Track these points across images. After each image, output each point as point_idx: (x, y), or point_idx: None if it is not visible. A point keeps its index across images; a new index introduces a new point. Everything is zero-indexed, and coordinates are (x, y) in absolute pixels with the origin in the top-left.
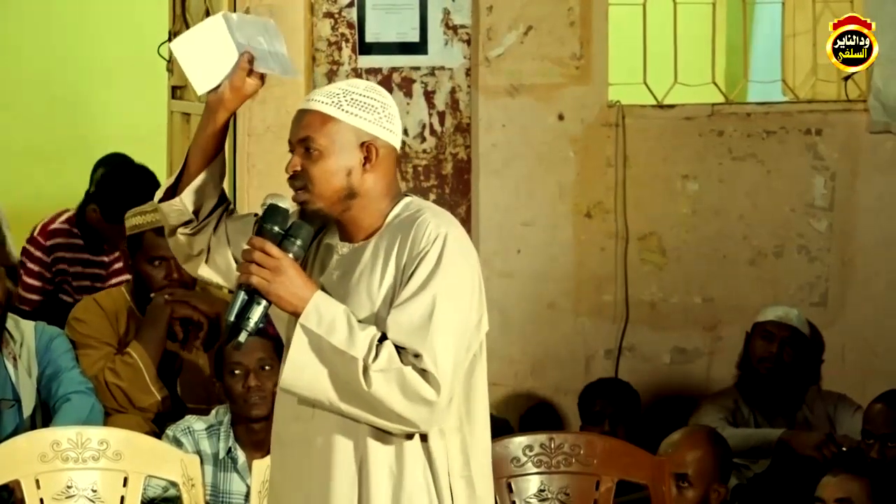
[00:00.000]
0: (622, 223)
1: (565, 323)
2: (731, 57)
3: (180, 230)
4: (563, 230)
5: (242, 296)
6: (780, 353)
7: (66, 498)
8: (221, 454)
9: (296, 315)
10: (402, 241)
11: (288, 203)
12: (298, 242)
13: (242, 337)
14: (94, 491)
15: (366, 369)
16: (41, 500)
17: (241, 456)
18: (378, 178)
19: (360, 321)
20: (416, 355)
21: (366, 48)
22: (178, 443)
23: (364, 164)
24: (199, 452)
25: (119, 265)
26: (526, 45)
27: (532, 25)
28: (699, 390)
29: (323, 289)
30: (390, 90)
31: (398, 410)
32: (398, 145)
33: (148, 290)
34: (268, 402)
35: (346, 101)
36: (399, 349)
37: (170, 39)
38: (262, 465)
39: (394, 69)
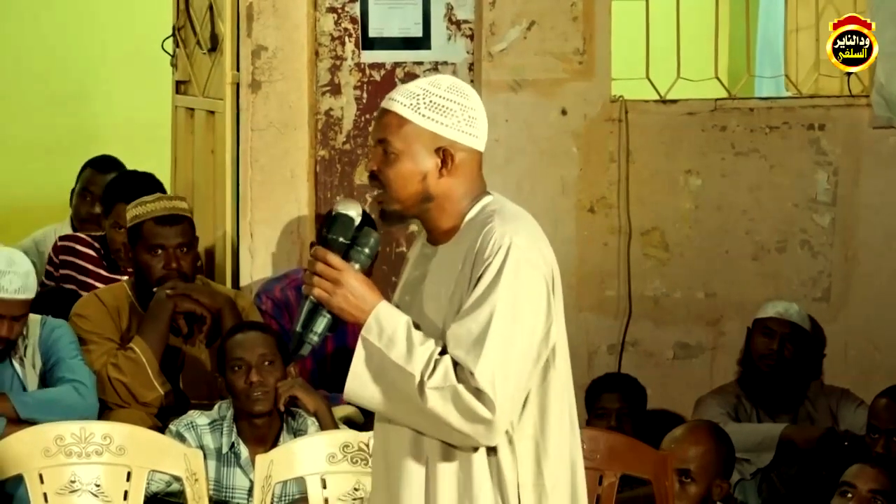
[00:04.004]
0: (625, 218)
1: (568, 318)
2: (733, 52)
3: None
4: (566, 225)
5: (308, 306)
6: (781, 350)
7: (70, 492)
8: (224, 449)
9: (358, 326)
10: (469, 250)
11: (355, 210)
12: (366, 251)
13: (305, 350)
14: (98, 485)
15: (422, 385)
16: (45, 495)
17: (244, 451)
18: (456, 183)
19: (429, 329)
20: (471, 373)
21: (368, 43)
22: (181, 437)
23: (440, 170)
24: (202, 447)
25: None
26: (529, 40)
27: (535, 20)
28: (702, 385)
29: (402, 292)
30: (393, 85)
31: (456, 426)
32: (481, 147)
33: (148, 283)
34: (270, 397)
35: (424, 103)
36: (456, 365)
37: (173, 34)
38: (264, 460)
39: (397, 64)
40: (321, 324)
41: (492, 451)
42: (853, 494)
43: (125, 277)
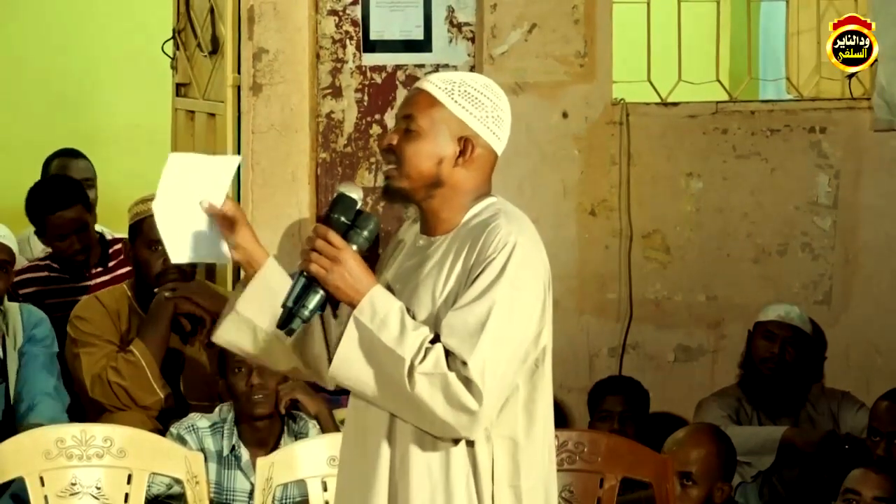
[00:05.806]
0: (626, 221)
1: (569, 321)
2: (735, 55)
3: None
4: (567, 228)
5: (302, 282)
6: (782, 353)
7: (71, 495)
8: (225, 452)
9: (351, 307)
10: (471, 245)
11: (357, 193)
12: (365, 234)
13: (296, 324)
14: (99, 488)
15: (411, 370)
16: (45, 498)
17: (244, 454)
18: (469, 176)
19: (419, 319)
20: (464, 363)
21: (370, 46)
22: (182, 440)
23: (457, 158)
24: (202, 450)
25: (102, 279)
26: (530, 42)
27: (536, 23)
28: (703, 388)
29: (393, 279)
30: (394, 88)
31: (440, 415)
32: (499, 149)
33: (147, 281)
34: (271, 400)
35: (459, 91)
36: (448, 354)
37: (173, 36)
38: (265, 463)
39: (398, 67)
40: (313, 300)
41: (470, 444)
42: (857, 501)
43: (93, 282)
